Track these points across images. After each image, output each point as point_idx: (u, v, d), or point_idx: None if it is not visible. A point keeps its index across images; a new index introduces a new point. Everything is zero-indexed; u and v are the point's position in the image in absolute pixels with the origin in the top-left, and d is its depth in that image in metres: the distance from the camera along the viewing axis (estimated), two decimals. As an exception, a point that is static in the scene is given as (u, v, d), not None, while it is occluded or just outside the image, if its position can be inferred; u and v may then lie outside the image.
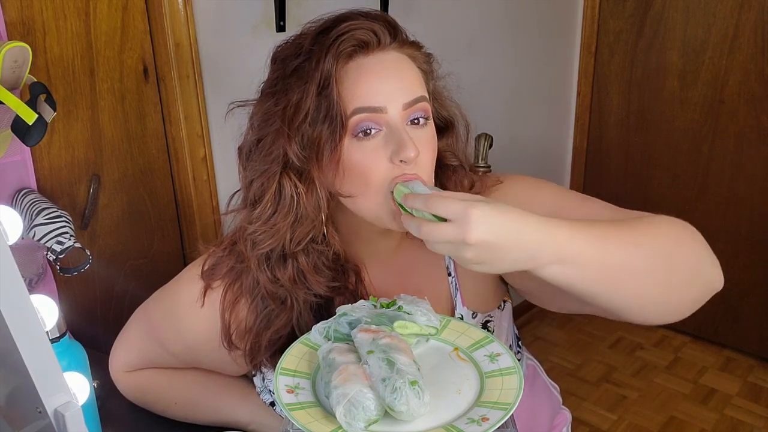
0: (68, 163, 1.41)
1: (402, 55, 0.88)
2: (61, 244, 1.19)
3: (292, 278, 0.91)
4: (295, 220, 0.87)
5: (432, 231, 0.73)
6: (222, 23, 1.60)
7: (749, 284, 2.55)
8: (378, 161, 0.83)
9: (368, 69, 0.85)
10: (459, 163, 0.96)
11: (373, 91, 0.84)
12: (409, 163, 0.83)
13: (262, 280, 0.91)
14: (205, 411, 1.06)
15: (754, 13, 2.32)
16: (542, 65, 2.61)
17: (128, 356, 1.10)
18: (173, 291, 1.04)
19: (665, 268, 0.83)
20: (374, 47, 0.85)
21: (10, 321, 0.58)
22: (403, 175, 0.84)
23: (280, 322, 0.93)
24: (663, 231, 0.85)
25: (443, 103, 0.95)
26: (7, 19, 1.26)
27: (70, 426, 0.62)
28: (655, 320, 0.86)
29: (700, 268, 0.87)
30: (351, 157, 0.84)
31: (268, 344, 0.94)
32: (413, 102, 0.85)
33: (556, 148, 2.85)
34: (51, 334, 0.88)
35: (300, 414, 0.78)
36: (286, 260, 0.90)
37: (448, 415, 0.79)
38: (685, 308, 0.88)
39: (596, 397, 2.45)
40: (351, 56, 0.84)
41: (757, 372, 2.55)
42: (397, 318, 0.90)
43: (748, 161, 2.46)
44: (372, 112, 0.83)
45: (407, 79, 0.86)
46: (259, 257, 0.90)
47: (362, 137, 0.83)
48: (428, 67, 0.92)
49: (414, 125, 0.86)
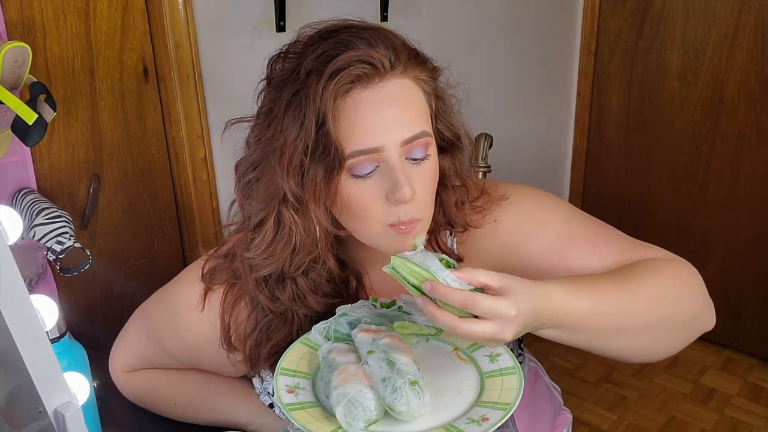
0: (68, 163, 1.41)
1: (405, 81, 0.83)
2: (61, 244, 1.19)
3: (291, 297, 0.90)
4: (293, 249, 0.86)
5: (471, 331, 0.72)
6: (222, 23, 1.60)
7: (749, 284, 2.55)
8: (374, 199, 0.82)
9: (365, 104, 0.80)
10: (461, 183, 0.93)
11: (369, 130, 0.80)
12: (406, 203, 0.81)
13: (261, 299, 0.91)
14: (205, 411, 1.06)
15: (754, 13, 2.32)
16: (542, 65, 2.61)
17: (128, 356, 1.10)
18: (172, 293, 1.03)
19: (663, 322, 0.85)
20: (372, 79, 0.80)
21: (10, 321, 0.58)
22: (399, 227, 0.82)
23: (280, 335, 0.93)
24: (666, 282, 0.86)
25: (448, 123, 0.90)
26: (7, 19, 1.26)
27: (70, 426, 0.62)
28: (647, 361, 0.89)
29: (697, 316, 0.89)
30: (348, 194, 0.82)
31: (267, 356, 0.93)
32: (412, 138, 0.82)
33: (556, 148, 2.85)
34: (51, 334, 0.88)
35: (300, 414, 0.78)
36: (285, 282, 0.90)
37: (448, 415, 0.79)
38: (676, 349, 0.92)
39: (596, 397, 2.45)
40: (348, 91, 0.80)
41: (757, 372, 2.55)
42: (397, 318, 0.90)
43: (748, 161, 2.46)
44: (368, 153, 0.80)
45: (407, 113, 0.82)
46: (258, 279, 0.90)
47: (359, 176, 0.81)
48: (434, 85, 0.88)
49: (412, 162, 0.83)
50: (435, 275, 0.74)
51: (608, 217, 1.04)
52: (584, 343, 0.82)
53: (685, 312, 0.87)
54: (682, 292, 0.87)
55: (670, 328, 0.87)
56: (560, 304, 0.76)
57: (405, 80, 0.83)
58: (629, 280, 0.83)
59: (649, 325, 0.84)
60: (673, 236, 2.69)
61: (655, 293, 0.84)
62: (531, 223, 0.95)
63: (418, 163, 0.83)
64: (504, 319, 0.71)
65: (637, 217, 2.76)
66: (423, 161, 0.83)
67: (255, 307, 0.94)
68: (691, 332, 0.90)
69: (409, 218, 0.82)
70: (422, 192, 0.83)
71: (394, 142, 0.80)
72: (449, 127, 0.90)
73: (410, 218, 0.82)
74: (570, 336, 0.79)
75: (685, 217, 2.65)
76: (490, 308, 0.70)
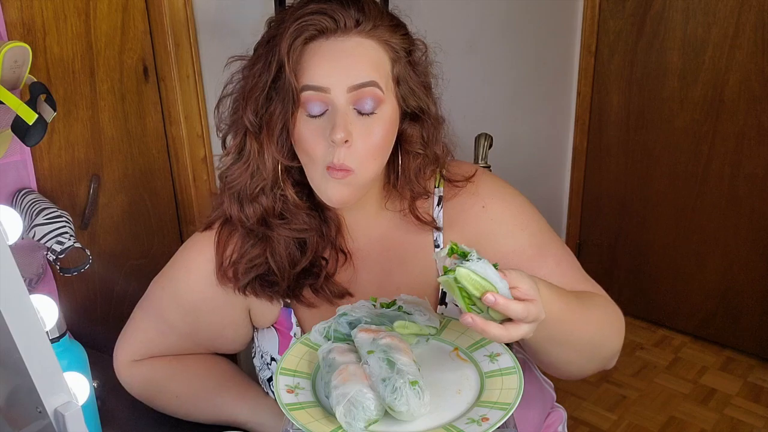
0: (68, 163, 1.41)
1: (368, 41, 0.91)
2: (61, 244, 1.19)
3: (259, 218, 0.98)
4: (252, 172, 0.96)
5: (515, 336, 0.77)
6: (222, 23, 1.60)
7: (749, 284, 2.55)
8: (319, 140, 0.90)
9: (323, 52, 0.90)
10: (423, 152, 0.99)
11: (319, 71, 0.89)
12: (338, 146, 0.88)
13: (234, 215, 0.99)
14: (205, 407, 1.07)
15: (754, 13, 2.32)
16: (542, 65, 2.60)
17: (132, 344, 1.11)
18: (169, 267, 1.10)
19: (593, 349, 0.97)
20: (333, 32, 0.90)
21: (10, 321, 0.58)
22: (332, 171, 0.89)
23: (254, 251, 1.00)
24: (608, 318, 0.99)
25: (414, 92, 0.96)
26: (7, 19, 1.26)
27: (70, 426, 0.62)
28: (558, 374, 1.00)
29: (613, 355, 1.02)
30: (300, 131, 0.92)
31: (244, 270, 1.01)
32: (359, 86, 0.89)
33: (556, 148, 2.84)
34: (51, 334, 0.88)
35: (300, 414, 0.78)
36: (252, 201, 0.98)
37: (448, 415, 0.79)
38: (580, 375, 1.05)
39: (596, 397, 2.45)
40: (310, 39, 0.90)
41: (757, 372, 2.55)
42: (397, 318, 0.90)
43: (748, 161, 2.45)
44: (317, 91, 0.89)
45: (359, 64, 0.90)
46: (231, 195, 0.99)
47: (313, 117, 0.90)
48: (404, 54, 0.95)
49: (359, 114, 0.90)
50: (495, 286, 0.75)
51: (608, 216, 1.09)
52: (533, 342, 0.88)
53: (609, 348, 0.99)
54: (614, 331, 1.00)
55: (594, 356, 0.98)
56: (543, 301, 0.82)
57: (369, 41, 0.91)
58: (586, 305, 0.94)
59: (585, 347, 0.95)
60: (673, 236, 2.69)
61: (599, 324, 0.96)
62: (513, 223, 1.03)
63: (365, 116, 0.90)
64: (540, 319, 0.78)
65: (637, 216, 2.76)
66: (370, 116, 0.91)
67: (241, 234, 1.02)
68: (600, 365, 1.02)
69: (341, 163, 0.89)
70: (362, 143, 0.90)
71: (340, 87, 0.89)
72: (414, 95, 0.96)
73: (341, 164, 0.89)
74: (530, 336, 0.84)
75: (685, 216, 2.65)
76: (534, 314, 0.77)
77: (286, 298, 1.04)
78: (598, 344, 0.97)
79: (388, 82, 0.93)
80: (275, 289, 1.01)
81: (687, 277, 2.70)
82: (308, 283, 1.01)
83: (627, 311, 3.22)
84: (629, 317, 2.88)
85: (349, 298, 1.02)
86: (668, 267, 2.74)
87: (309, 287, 1.02)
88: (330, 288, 1.01)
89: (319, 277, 1.01)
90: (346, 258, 1.03)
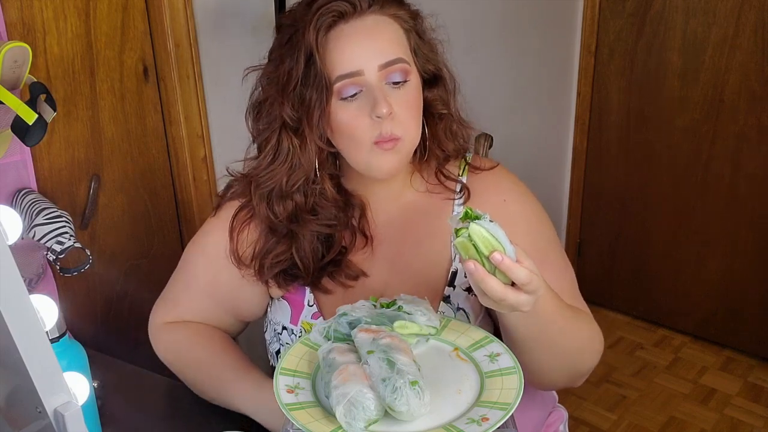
0: (68, 163, 1.41)
1: (382, 17, 0.97)
2: (61, 244, 1.19)
3: (289, 215, 1.03)
4: (291, 168, 1.00)
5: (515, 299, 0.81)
6: (222, 23, 1.60)
7: (749, 284, 2.55)
8: (361, 119, 0.95)
9: (346, 36, 0.95)
10: (447, 111, 1.05)
11: (349, 56, 0.94)
12: (384, 119, 0.93)
13: (262, 214, 1.04)
14: (210, 384, 1.07)
15: (754, 13, 2.32)
16: (542, 65, 2.60)
17: (163, 304, 1.17)
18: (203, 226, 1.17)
19: (572, 363, 1.00)
20: (351, 15, 0.95)
21: (10, 321, 0.58)
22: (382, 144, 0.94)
23: (280, 248, 1.04)
24: (591, 337, 1.01)
25: (429, 58, 1.03)
26: (7, 19, 1.26)
27: (70, 426, 0.62)
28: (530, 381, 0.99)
29: (585, 374, 1.04)
30: (338, 117, 0.96)
31: (270, 266, 1.05)
32: (389, 63, 0.95)
33: (556, 148, 2.84)
34: (51, 334, 0.88)
35: (300, 414, 0.78)
36: (285, 199, 1.03)
37: (448, 415, 0.79)
38: (550, 387, 1.12)
39: (596, 397, 2.45)
40: (331, 26, 0.95)
41: (757, 372, 2.55)
42: (397, 318, 0.90)
43: (748, 161, 2.45)
44: (351, 77, 0.94)
45: (383, 41, 0.96)
46: (261, 195, 1.04)
47: (347, 99, 0.95)
48: (413, 23, 1.00)
49: (393, 86, 0.96)
50: (504, 247, 0.79)
51: (608, 217, 1.10)
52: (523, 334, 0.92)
53: (585, 364, 1.02)
54: (593, 350, 1.02)
55: (570, 368, 1.01)
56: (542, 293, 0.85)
57: (382, 17, 0.97)
58: (576, 317, 0.97)
59: (565, 356, 0.98)
60: (673, 236, 2.69)
61: (582, 338, 0.99)
62: (527, 224, 1.06)
63: (398, 86, 0.96)
64: (537, 294, 0.82)
65: (637, 216, 2.76)
66: (402, 85, 0.96)
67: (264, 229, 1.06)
68: (570, 380, 1.04)
69: (390, 134, 0.94)
70: (402, 111, 0.96)
71: (372, 67, 0.94)
72: (429, 60, 1.03)
73: (390, 134, 0.95)
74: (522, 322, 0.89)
75: (685, 216, 2.65)
76: (535, 285, 0.81)
77: (306, 287, 1.08)
78: (578, 358, 1.00)
79: (409, 54, 0.99)
80: (298, 281, 1.06)
81: (687, 277, 2.70)
82: (329, 271, 1.06)
83: (627, 311, 3.22)
84: (629, 317, 2.88)
85: (364, 278, 1.06)
86: (668, 267, 2.74)
87: (328, 275, 1.06)
88: (346, 271, 1.06)
89: (339, 265, 1.06)
90: (366, 241, 1.07)
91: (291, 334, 1.10)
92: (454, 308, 1.05)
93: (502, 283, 0.79)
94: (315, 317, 1.08)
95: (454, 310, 1.05)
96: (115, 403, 1.11)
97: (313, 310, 1.08)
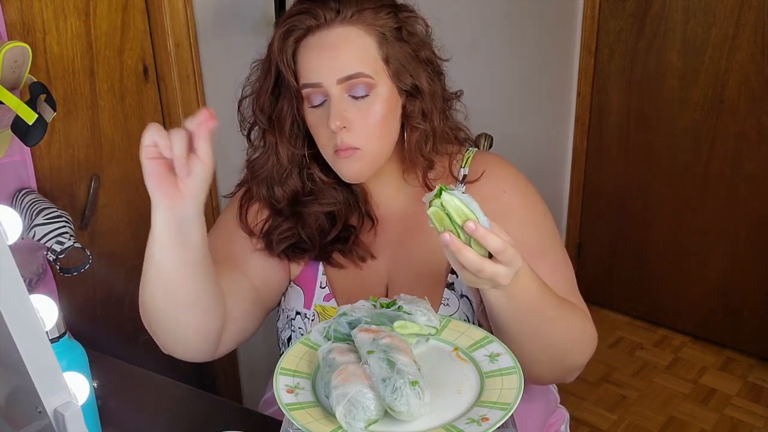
0: (68, 163, 1.41)
1: (351, 28, 0.98)
2: (61, 244, 1.19)
3: (289, 198, 1.07)
4: (276, 160, 1.05)
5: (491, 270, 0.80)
6: (222, 23, 1.60)
7: (749, 284, 2.55)
8: (323, 128, 0.99)
9: (310, 48, 0.99)
10: (425, 125, 1.04)
11: (311, 69, 0.98)
12: (337, 132, 0.97)
13: (263, 198, 1.08)
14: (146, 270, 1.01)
15: (754, 13, 2.32)
16: (542, 65, 2.60)
17: None
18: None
19: (559, 355, 0.98)
20: (317, 28, 0.98)
21: (10, 321, 0.58)
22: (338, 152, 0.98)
23: (286, 225, 1.08)
24: (582, 333, 0.99)
25: (408, 69, 1.01)
26: (7, 19, 1.26)
27: (70, 426, 0.62)
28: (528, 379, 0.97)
29: (579, 365, 1.02)
30: (308, 121, 1.02)
31: (278, 241, 1.08)
32: (347, 78, 0.97)
33: (556, 148, 2.84)
34: (51, 334, 0.88)
35: (300, 414, 0.78)
36: (282, 184, 1.06)
37: (448, 415, 0.79)
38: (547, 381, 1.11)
39: (596, 397, 2.45)
40: (301, 38, 0.99)
41: (757, 372, 2.55)
42: (397, 318, 0.90)
43: (748, 161, 2.45)
44: (313, 87, 0.98)
45: (344, 56, 0.97)
46: (258, 181, 1.08)
47: (315, 107, 1.00)
48: (390, 33, 1.00)
49: (355, 99, 0.98)
50: (477, 217, 0.79)
51: (608, 216, 1.08)
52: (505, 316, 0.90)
53: (575, 359, 1.00)
54: (583, 345, 1.00)
55: (559, 362, 0.99)
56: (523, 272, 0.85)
57: (352, 28, 0.98)
58: (563, 307, 0.95)
59: (552, 347, 0.95)
60: (673, 236, 2.69)
61: (570, 330, 0.97)
62: (525, 215, 1.06)
63: (360, 99, 0.98)
64: (515, 266, 0.81)
65: (637, 216, 2.76)
66: (364, 99, 0.98)
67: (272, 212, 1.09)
68: (560, 375, 1.03)
69: (345, 145, 0.98)
70: (361, 125, 0.98)
71: (331, 81, 0.97)
72: (406, 71, 1.01)
73: (346, 145, 0.98)
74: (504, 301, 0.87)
75: (685, 216, 2.65)
76: (511, 255, 0.80)
77: (319, 267, 1.11)
78: (567, 350, 0.98)
79: (377, 65, 0.99)
80: (307, 254, 1.09)
81: (687, 277, 2.70)
82: (338, 248, 1.09)
83: (627, 311, 3.22)
84: (629, 317, 2.88)
85: (371, 260, 1.09)
86: (668, 267, 2.74)
87: (338, 251, 1.09)
88: (356, 250, 1.08)
89: (347, 242, 1.08)
90: (373, 223, 1.10)
91: (304, 318, 1.10)
92: (457, 295, 1.06)
93: (478, 254, 0.79)
94: (327, 299, 1.10)
95: (458, 297, 1.06)
96: (115, 403, 1.10)
97: (326, 291, 1.10)
